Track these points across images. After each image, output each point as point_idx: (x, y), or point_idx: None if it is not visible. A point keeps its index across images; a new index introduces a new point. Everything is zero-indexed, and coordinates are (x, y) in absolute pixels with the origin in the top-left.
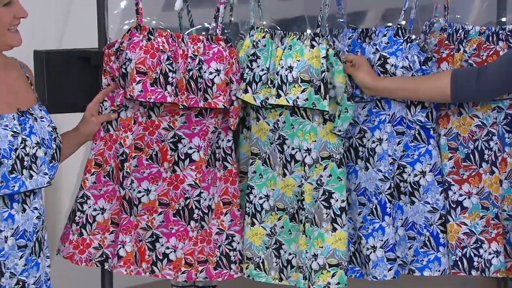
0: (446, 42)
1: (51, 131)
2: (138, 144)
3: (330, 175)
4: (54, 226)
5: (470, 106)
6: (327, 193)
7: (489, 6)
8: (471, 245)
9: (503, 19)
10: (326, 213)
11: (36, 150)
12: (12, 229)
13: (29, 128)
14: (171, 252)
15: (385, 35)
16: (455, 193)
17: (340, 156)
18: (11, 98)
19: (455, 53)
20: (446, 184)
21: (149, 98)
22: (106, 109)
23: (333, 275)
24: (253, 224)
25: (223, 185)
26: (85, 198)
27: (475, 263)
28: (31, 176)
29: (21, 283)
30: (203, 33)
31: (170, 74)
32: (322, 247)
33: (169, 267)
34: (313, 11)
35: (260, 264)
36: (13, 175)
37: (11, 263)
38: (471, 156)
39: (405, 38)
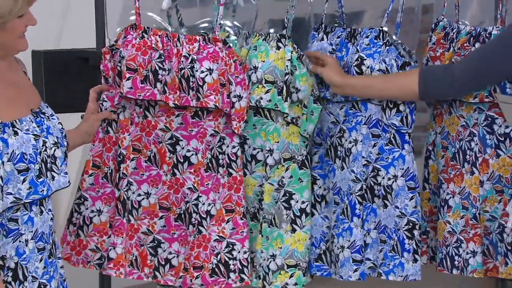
0: (442, 41)
1: (62, 128)
2: (136, 145)
3: (291, 176)
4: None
5: (457, 106)
6: (287, 194)
7: (487, 6)
8: (453, 244)
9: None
10: (286, 214)
11: (54, 150)
12: (32, 232)
13: (46, 128)
14: (173, 257)
15: (367, 37)
16: (444, 191)
17: (302, 158)
18: (23, 100)
19: (446, 52)
20: (439, 182)
21: (138, 95)
22: (106, 109)
23: (291, 276)
24: None
25: (226, 192)
26: (82, 200)
27: (456, 262)
28: (53, 177)
29: (42, 286)
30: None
31: (160, 71)
32: (281, 248)
33: (171, 272)
34: (318, 9)
35: None
36: (41, 179)
37: (32, 267)
38: (456, 155)
39: (385, 41)
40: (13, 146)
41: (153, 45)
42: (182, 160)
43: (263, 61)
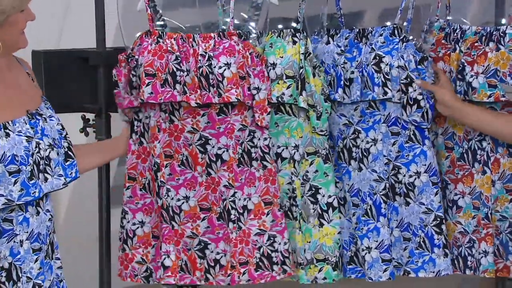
0: (443, 41)
1: (61, 129)
2: (167, 151)
3: (317, 171)
4: (73, 226)
5: None
6: (313, 189)
7: (488, 6)
8: (465, 244)
9: (502, 21)
10: (313, 208)
11: (49, 152)
12: (27, 232)
13: (40, 130)
14: (221, 257)
15: (381, 35)
16: (451, 192)
17: (326, 152)
18: (20, 100)
19: (452, 52)
20: (444, 183)
21: (160, 99)
22: (131, 122)
23: (320, 270)
24: None
25: (263, 185)
26: (123, 213)
27: (469, 263)
28: (46, 179)
29: (37, 286)
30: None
31: (178, 73)
32: (309, 242)
33: (221, 272)
34: (313, 11)
35: None
36: (32, 181)
37: (27, 267)
38: (465, 155)
39: (401, 37)
40: (4, 148)
41: (169, 48)
42: (214, 159)
43: (282, 57)
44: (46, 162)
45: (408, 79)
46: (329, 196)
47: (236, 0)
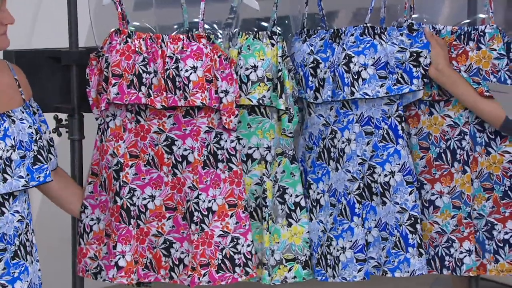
0: None
1: (32, 132)
2: (133, 151)
3: (284, 171)
4: (46, 227)
5: (442, 106)
6: (281, 189)
7: (459, 7)
8: (443, 244)
9: (467, 20)
10: (281, 209)
11: (11, 153)
12: None
13: (3, 131)
14: (185, 256)
15: (352, 35)
16: (427, 192)
17: (292, 152)
18: None
19: None
20: (419, 183)
21: (125, 101)
22: (96, 119)
23: (289, 270)
24: None
25: (228, 186)
26: (83, 208)
27: (446, 262)
28: (5, 180)
29: (1, 286)
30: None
31: (144, 75)
32: (278, 243)
33: (185, 272)
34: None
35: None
36: None
37: None
38: (443, 155)
39: (376, 33)
40: None
41: (137, 49)
42: (180, 160)
43: (263, 59)
44: (6, 163)
45: (415, 54)
46: (297, 196)
47: (207, 2)
